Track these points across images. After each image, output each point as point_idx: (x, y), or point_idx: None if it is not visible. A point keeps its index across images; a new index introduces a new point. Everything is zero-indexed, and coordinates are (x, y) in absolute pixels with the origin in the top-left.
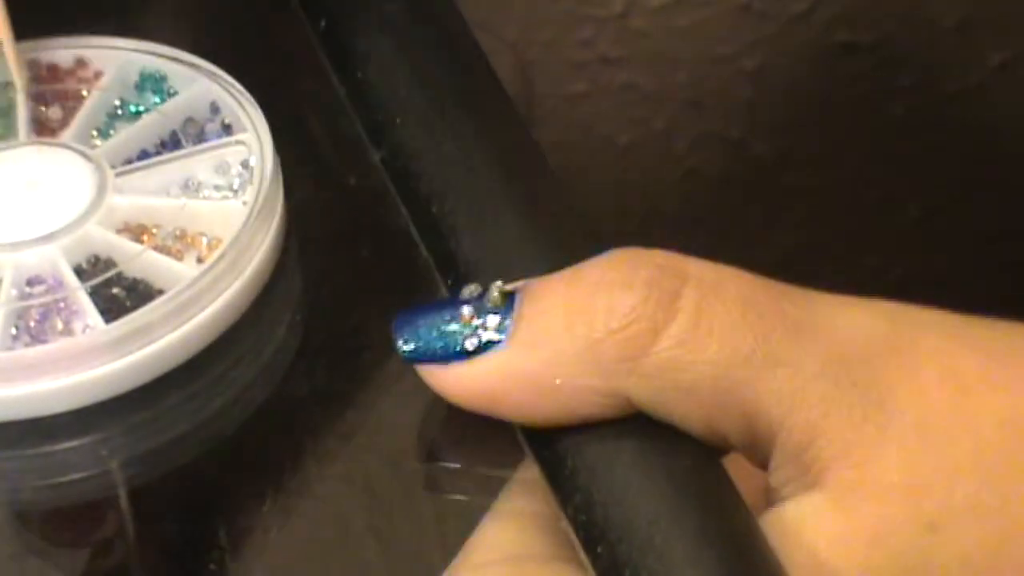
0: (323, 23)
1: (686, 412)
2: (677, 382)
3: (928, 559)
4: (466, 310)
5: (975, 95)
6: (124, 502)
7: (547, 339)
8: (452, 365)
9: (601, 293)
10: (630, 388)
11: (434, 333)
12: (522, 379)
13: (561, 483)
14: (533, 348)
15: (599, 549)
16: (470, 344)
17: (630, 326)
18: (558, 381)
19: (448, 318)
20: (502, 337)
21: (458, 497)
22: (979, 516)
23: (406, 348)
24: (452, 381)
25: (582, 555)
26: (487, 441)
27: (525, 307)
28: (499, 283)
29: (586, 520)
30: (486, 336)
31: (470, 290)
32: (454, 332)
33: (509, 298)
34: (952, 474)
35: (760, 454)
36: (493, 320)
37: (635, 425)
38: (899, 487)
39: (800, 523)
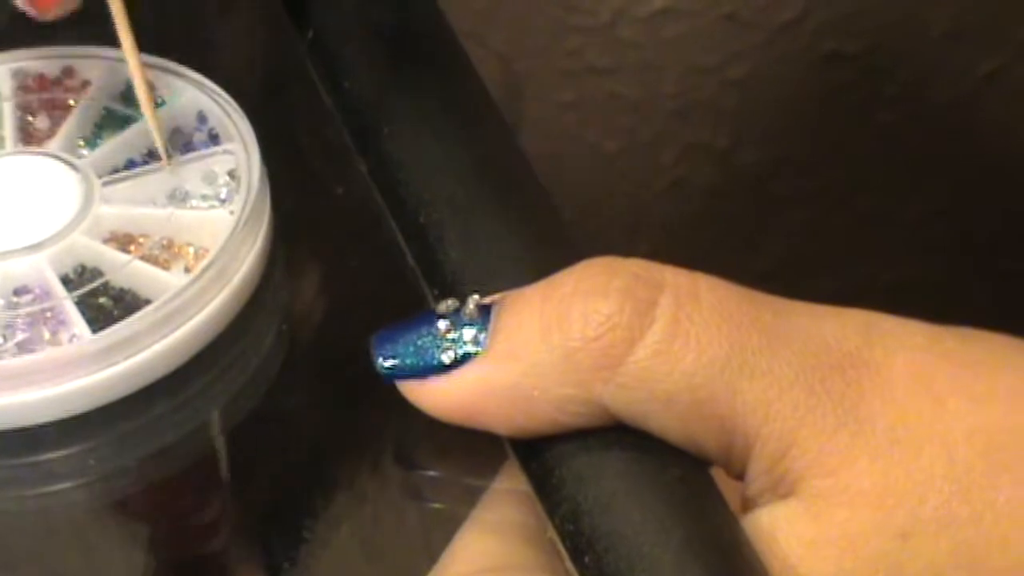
0: (310, 33)
1: (663, 422)
2: (653, 392)
3: (900, 567)
4: (442, 324)
5: (964, 104)
6: (111, 511)
7: (523, 350)
8: (430, 380)
9: (576, 302)
10: (607, 398)
11: (411, 348)
12: (500, 391)
13: (548, 493)
14: (510, 360)
15: (586, 559)
16: (447, 358)
17: (606, 334)
18: (535, 392)
19: (425, 333)
20: (479, 350)
21: (443, 506)
22: (950, 526)
23: (385, 365)
24: (431, 396)
25: (569, 565)
26: (471, 450)
27: (501, 319)
28: (476, 297)
29: (573, 530)
30: (463, 349)
31: (447, 304)
32: (431, 347)
33: (485, 311)
34: (924, 484)
35: (737, 465)
36: (469, 333)
37: (622, 434)
38: (871, 495)
39: (774, 529)
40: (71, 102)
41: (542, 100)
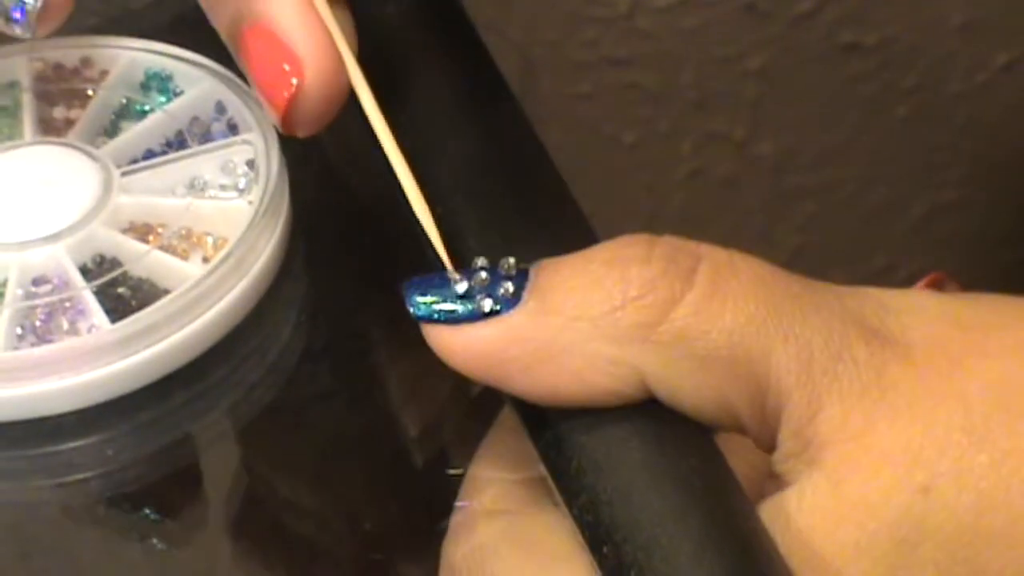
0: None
1: (698, 383)
2: (691, 350)
3: (922, 522)
4: (482, 274)
5: (980, 95)
6: (129, 501)
7: (562, 307)
8: (462, 327)
9: (618, 266)
10: (643, 357)
11: (447, 294)
12: (531, 344)
13: (567, 482)
14: (546, 314)
15: (605, 549)
16: (485, 305)
17: (647, 294)
18: (571, 346)
19: (462, 280)
20: (516, 302)
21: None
22: (970, 475)
23: (416, 307)
24: (460, 343)
25: (588, 554)
26: None
27: (540, 277)
28: (511, 259)
29: (592, 520)
30: (500, 300)
31: (482, 262)
32: (468, 294)
33: (521, 272)
34: (942, 438)
35: (767, 430)
36: (508, 285)
37: (641, 425)
38: (891, 454)
39: (801, 502)
40: (89, 92)
41: (560, 91)
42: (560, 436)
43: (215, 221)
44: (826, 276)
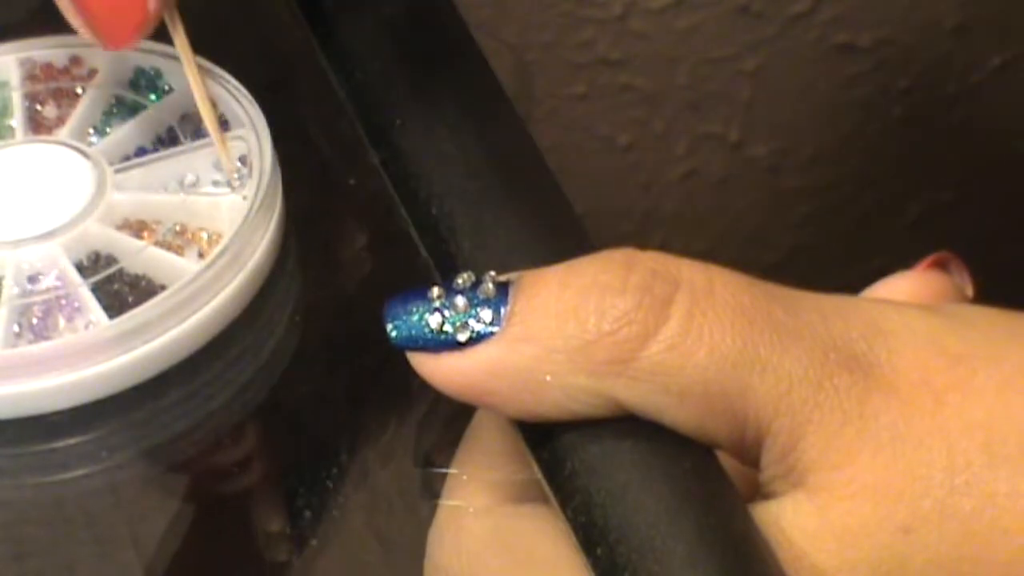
0: (322, 24)
1: (675, 415)
2: (666, 386)
3: (903, 561)
4: (460, 300)
5: (975, 96)
6: (125, 498)
7: (539, 335)
8: (442, 355)
9: (594, 294)
10: (619, 390)
11: (426, 322)
12: (512, 374)
13: (560, 484)
14: (524, 343)
15: (599, 551)
16: (462, 335)
17: (621, 329)
18: (548, 378)
19: (438, 310)
20: (494, 330)
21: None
22: (952, 520)
23: (396, 334)
24: (442, 371)
25: (582, 556)
26: None
27: (518, 302)
28: (493, 273)
29: (585, 521)
30: (478, 328)
31: (464, 278)
32: (446, 322)
33: (502, 289)
34: (925, 478)
35: (750, 455)
36: (486, 313)
37: (635, 426)
38: (872, 490)
39: (781, 520)
40: (79, 90)
41: (554, 92)
42: (554, 438)
43: (209, 217)
44: (821, 277)
